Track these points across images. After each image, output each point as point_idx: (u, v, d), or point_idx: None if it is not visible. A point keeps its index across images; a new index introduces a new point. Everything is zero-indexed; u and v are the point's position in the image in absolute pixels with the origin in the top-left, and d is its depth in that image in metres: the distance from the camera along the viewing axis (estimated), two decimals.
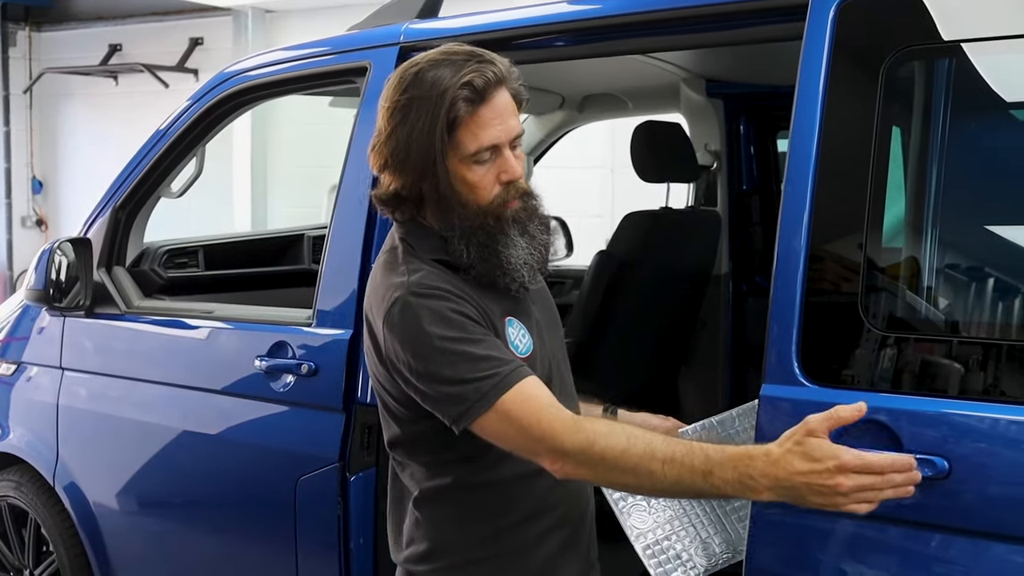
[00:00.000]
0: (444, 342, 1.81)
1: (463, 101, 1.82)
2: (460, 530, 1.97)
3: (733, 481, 1.67)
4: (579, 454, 1.76)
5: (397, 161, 1.88)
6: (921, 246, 2.00)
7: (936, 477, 1.81)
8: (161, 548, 3.37)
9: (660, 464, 1.70)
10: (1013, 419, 1.79)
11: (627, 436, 1.74)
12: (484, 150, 1.86)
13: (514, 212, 1.91)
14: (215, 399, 3.10)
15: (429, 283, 1.86)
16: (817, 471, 1.61)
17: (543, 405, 1.80)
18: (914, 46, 1.99)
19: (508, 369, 1.81)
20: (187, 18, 9.99)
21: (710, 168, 4.26)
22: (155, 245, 3.76)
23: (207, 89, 3.35)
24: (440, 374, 1.82)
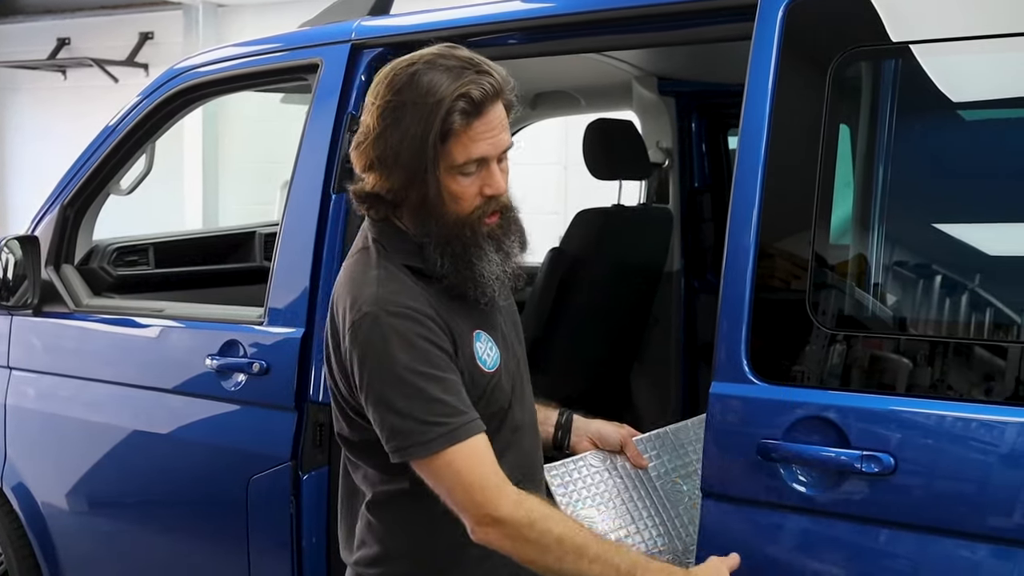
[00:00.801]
0: (406, 372, 1.79)
1: (459, 113, 1.79)
2: (412, 536, 1.96)
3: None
4: (513, 530, 1.79)
5: (385, 163, 1.85)
6: (868, 244, 2.03)
7: (882, 473, 1.84)
8: (112, 549, 3.34)
9: (588, 561, 1.77)
10: (958, 415, 1.81)
11: (565, 526, 1.79)
12: (472, 162, 1.84)
13: (491, 227, 1.89)
14: (166, 398, 3.07)
15: (402, 302, 1.83)
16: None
17: (489, 472, 1.81)
18: (861, 47, 2.01)
19: (460, 421, 1.81)
20: (137, 12, 9.90)
21: (662, 166, 4.28)
22: (104, 243, 3.73)
23: (157, 85, 3.32)
24: (392, 403, 1.81)
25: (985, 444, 1.78)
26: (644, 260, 4.00)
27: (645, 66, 4.03)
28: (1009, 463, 1.76)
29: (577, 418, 2.33)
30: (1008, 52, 1.93)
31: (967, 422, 1.80)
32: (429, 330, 1.83)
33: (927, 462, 1.82)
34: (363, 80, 2.78)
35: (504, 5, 2.66)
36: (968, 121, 2.09)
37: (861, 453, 1.85)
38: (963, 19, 1.95)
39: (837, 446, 1.88)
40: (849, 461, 1.86)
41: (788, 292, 2.02)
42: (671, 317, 4.24)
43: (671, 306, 4.23)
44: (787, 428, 1.93)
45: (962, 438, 1.80)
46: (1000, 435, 1.78)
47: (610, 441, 2.31)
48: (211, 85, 3.25)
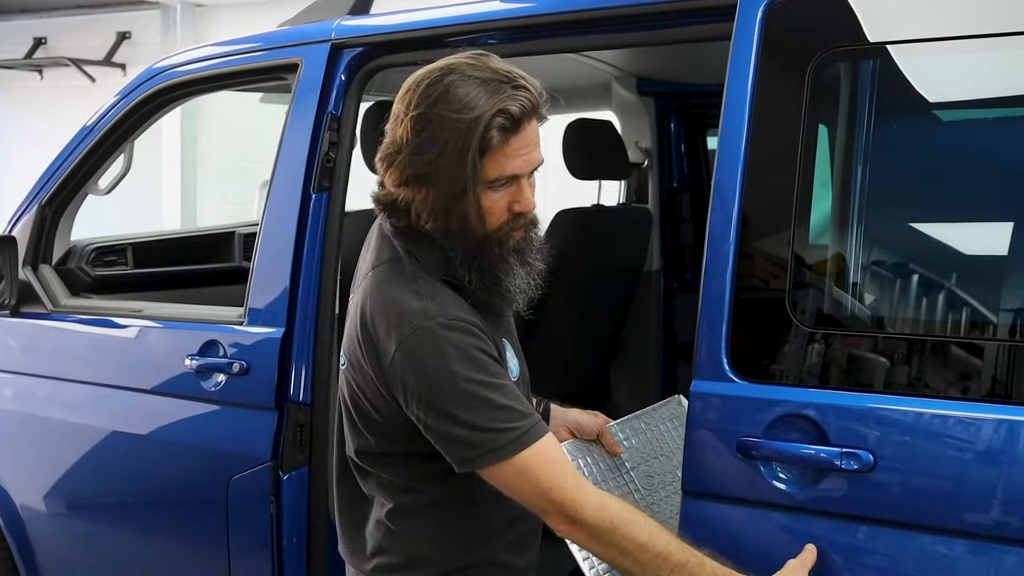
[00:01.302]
0: (469, 384, 1.77)
1: (497, 129, 1.76)
2: (435, 544, 1.95)
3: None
4: (596, 532, 1.78)
5: (424, 180, 1.82)
6: (847, 244, 2.04)
7: (862, 470, 1.85)
8: (91, 550, 3.32)
9: (669, 569, 1.75)
10: (936, 413, 1.83)
11: (649, 532, 1.77)
12: (503, 178, 1.81)
13: (516, 242, 1.88)
14: (145, 399, 3.06)
15: (452, 313, 1.81)
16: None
17: (566, 471, 1.81)
18: (839, 47, 2.02)
19: (528, 424, 1.80)
20: (114, 11, 9.88)
21: (641, 166, 4.31)
22: (83, 243, 3.71)
23: (136, 84, 3.31)
24: (457, 416, 1.78)
25: (962, 441, 1.80)
26: (624, 260, 4.02)
27: (624, 66, 4.04)
28: (986, 459, 1.77)
29: (554, 407, 2.34)
30: (984, 52, 1.95)
31: (945, 419, 1.82)
32: (481, 340, 1.82)
33: (906, 459, 1.83)
34: (343, 80, 2.79)
35: (484, 5, 2.66)
36: (944, 121, 2.11)
37: (841, 450, 1.86)
38: (940, 20, 1.97)
39: (817, 443, 1.90)
40: (829, 458, 1.87)
41: (768, 292, 2.03)
42: (650, 316, 4.26)
43: (650, 305, 4.25)
44: (767, 426, 1.94)
45: (940, 435, 1.82)
46: (977, 432, 1.79)
47: (587, 430, 2.32)
48: (191, 84, 3.23)
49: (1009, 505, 1.75)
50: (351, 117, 2.81)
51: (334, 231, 2.76)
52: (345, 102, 2.80)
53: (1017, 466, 1.75)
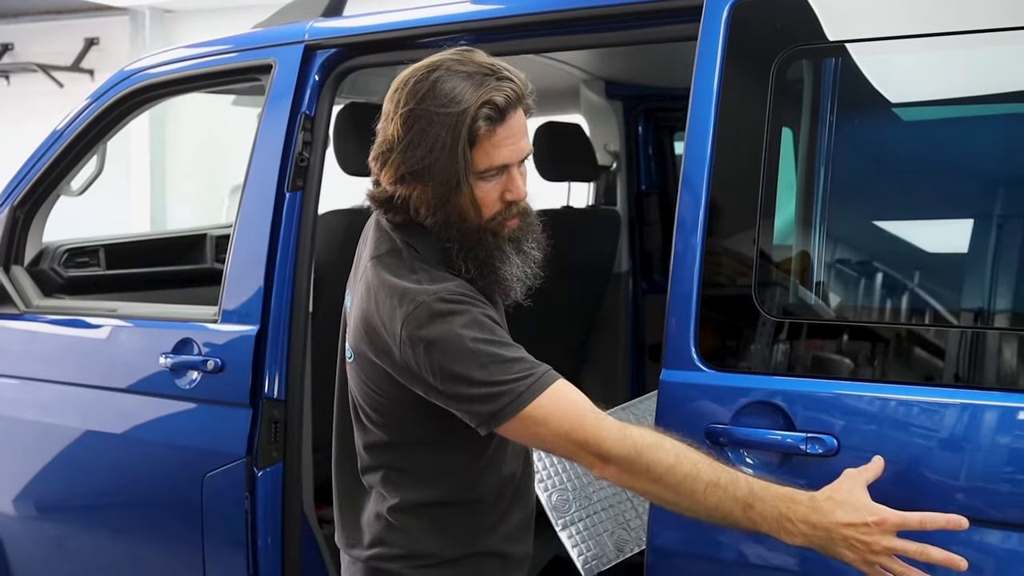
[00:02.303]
0: (476, 343, 1.79)
1: (484, 119, 1.79)
2: (436, 537, 1.97)
3: (771, 519, 1.71)
4: (624, 462, 1.77)
5: (420, 176, 1.85)
6: (811, 238, 2.10)
7: (826, 455, 1.91)
8: (65, 551, 3.32)
9: (703, 487, 1.73)
10: (897, 398, 1.89)
11: (676, 453, 1.75)
12: (494, 169, 1.85)
13: (511, 230, 1.92)
14: (119, 398, 3.08)
15: (453, 289, 1.84)
16: (857, 525, 1.66)
17: (585, 410, 1.81)
18: (801, 46, 2.08)
19: (541, 371, 1.82)
20: (82, 17, 9.84)
21: (610, 168, 4.36)
22: (55, 244, 3.72)
23: (108, 86, 3.32)
24: (472, 376, 1.79)
25: (923, 425, 1.86)
26: (592, 260, 4.07)
27: (593, 70, 4.10)
28: (946, 444, 1.84)
29: None
30: (943, 50, 2.02)
31: (906, 404, 1.88)
32: (484, 307, 1.85)
33: (868, 443, 1.89)
34: (316, 80, 2.82)
35: (455, 7, 2.70)
36: (904, 118, 2.17)
37: (806, 435, 1.92)
38: (900, 18, 2.03)
39: (783, 430, 1.95)
40: (794, 443, 1.93)
41: (735, 285, 2.09)
42: (619, 317, 4.30)
43: (619, 306, 4.29)
44: (735, 413, 2.00)
45: (899, 420, 1.88)
46: (937, 417, 1.86)
47: None
48: (164, 86, 3.25)
49: (967, 486, 1.81)
50: (324, 117, 2.85)
51: (308, 230, 2.80)
52: (319, 103, 2.84)
53: (973, 448, 1.82)
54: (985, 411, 1.82)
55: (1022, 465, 1.79)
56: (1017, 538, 1.79)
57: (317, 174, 2.83)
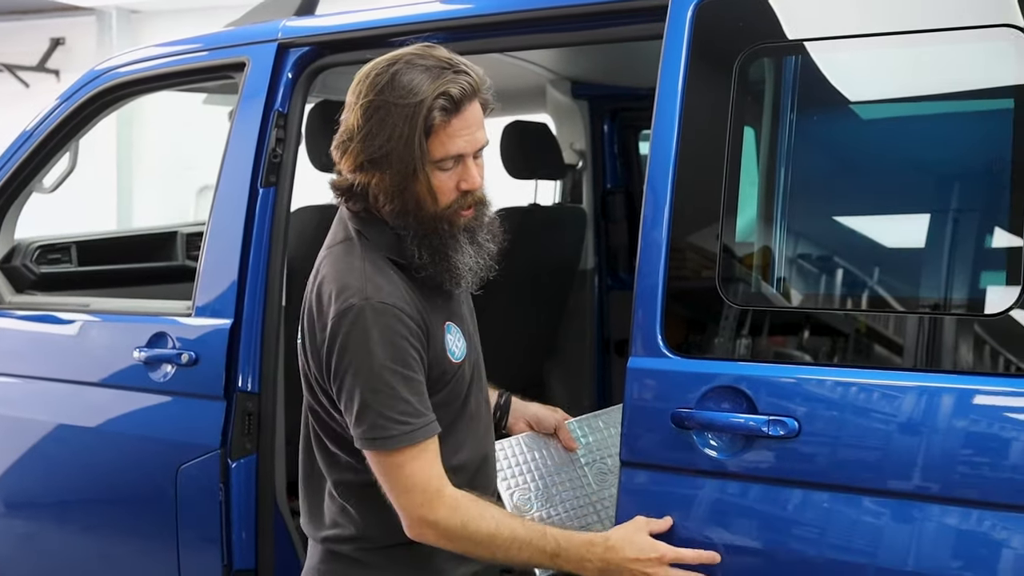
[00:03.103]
0: (381, 369, 1.88)
1: (439, 110, 1.87)
2: (384, 520, 2.02)
3: (574, 561, 1.95)
4: (448, 532, 1.93)
5: (378, 164, 1.92)
6: (772, 231, 2.17)
7: (787, 436, 1.98)
8: (39, 546, 3.35)
9: (518, 547, 1.93)
10: (853, 381, 1.96)
11: (496, 523, 1.93)
12: (449, 158, 1.92)
13: (467, 221, 1.98)
14: (94, 392, 3.11)
15: (387, 299, 1.91)
16: (642, 560, 1.94)
17: (435, 475, 1.93)
18: (762, 45, 2.16)
19: (421, 423, 1.91)
20: (48, 17, 9.82)
21: (576, 167, 4.43)
22: (27, 241, 3.74)
23: (80, 85, 3.35)
24: (363, 395, 1.89)
25: (879, 407, 1.93)
26: (558, 257, 4.13)
27: (559, 70, 4.16)
28: (901, 424, 1.91)
29: (515, 400, 2.43)
30: (899, 49, 2.10)
31: (861, 387, 1.96)
32: (408, 328, 1.92)
33: (828, 425, 1.96)
34: (290, 78, 2.87)
35: (425, 6, 2.76)
36: (862, 116, 2.24)
37: (768, 418, 1.99)
38: (858, 18, 2.11)
39: (746, 413, 2.02)
40: (757, 426, 2.00)
41: (700, 272, 2.16)
42: (586, 314, 4.37)
43: (586, 303, 4.36)
44: (700, 398, 2.07)
45: (856, 402, 1.95)
46: (892, 399, 1.93)
47: (545, 424, 2.42)
48: (136, 84, 3.29)
49: (923, 465, 1.89)
50: (297, 114, 2.90)
51: (281, 224, 2.85)
52: (292, 100, 2.88)
53: (925, 427, 1.89)
54: (935, 393, 1.90)
55: (972, 444, 1.86)
56: (976, 516, 1.86)
57: (290, 170, 2.88)
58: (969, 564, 1.85)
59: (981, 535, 1.85)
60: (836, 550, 1.95)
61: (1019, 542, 1.82)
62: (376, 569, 2.06)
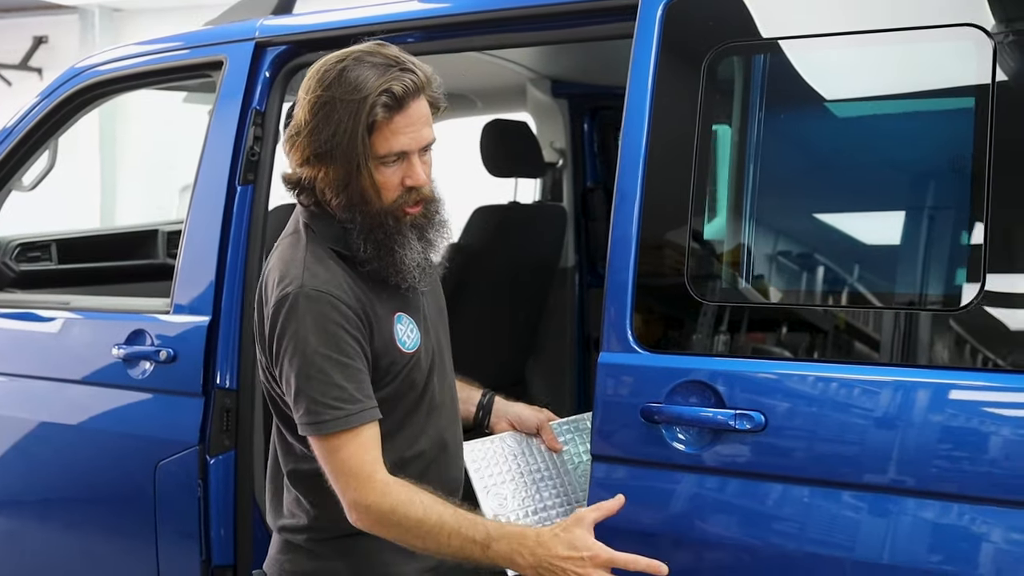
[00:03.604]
0: (314, 355, 1.92)
1: (381, 107, 1.90)
2: (334, 511, 2.04)
3: (505, 554, 1.89)
4: (379, 516, 1.93)
5: (323, 158, 1.96)
6: (740, 228, 2.20)
7: (754, 430, 2.01)
8: (20, 543, 3.36)
9: (448, 535, 1.90)
10: (818, 375, 2.00)
11: (424, 509, 1.91)
12: (392, 155, 1.95)
13: (415, 217, 2.01)
14: (72, 389, 3.12)
15: (323, 287, 1.95)
16: (574, 558, 1.86)
17: (369, 460, 1.94)
18: (729, 43, 2.19)
19: (355, 409, 1.94)
20: (31, 15, 9.83)
21: (556, 165, 4.45)
22: (6, 239, 3.76)
23: (60, 82, 3.37)
24: (298, 380, 1.94)
25: (843, 400, 1.97)
26: (539, 255, 4.15)
27: (539, 69, 4.19)
28: (863, 417, 1.95)
29: (498, 400, 2.44)
30: (864, 47, 2.13)
31: (827, 381, 1.99)
32: (343, 316, 1.95)
33: (793, 418, 2.00)
34: (267, 76, 2.90)
35: (401, 5, 2.79)
36: (828, 112, 2.28)
37: (735, 412, 2.02)
38: (824, 17, 2.15)
39: (714, 407, 2.05)
40: (724, 420, 2.03)
41: (669, 269, 2.18)
42: (566, 310, 4.39)
43: (566, 300, 4.38)
44: (669, 392, 2.09)
45: (820, 396, 1.99)
46: (854, 392, 1.96)
47: (528, 424, 2.42)
48: (114, 83, 3.30)
49: (886, 458, 1.93)
50: (275, 113, 2.92)
51: (259, 222, 2.87)
52: (269, 98, 2.91)
53: (888, 421, 1.93)
54: (897, 387, 1.94)
55: (930, 436, 1.90)
56: (940, 507, 1.90)
57: (268, 168, 2.90)
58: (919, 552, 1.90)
59: (936, 525, 1.89)
60: (803, 542, 1.98)
61: (958, 532, 1.87)
62: (326, 560, 2.09)
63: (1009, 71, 1.92)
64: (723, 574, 2.08)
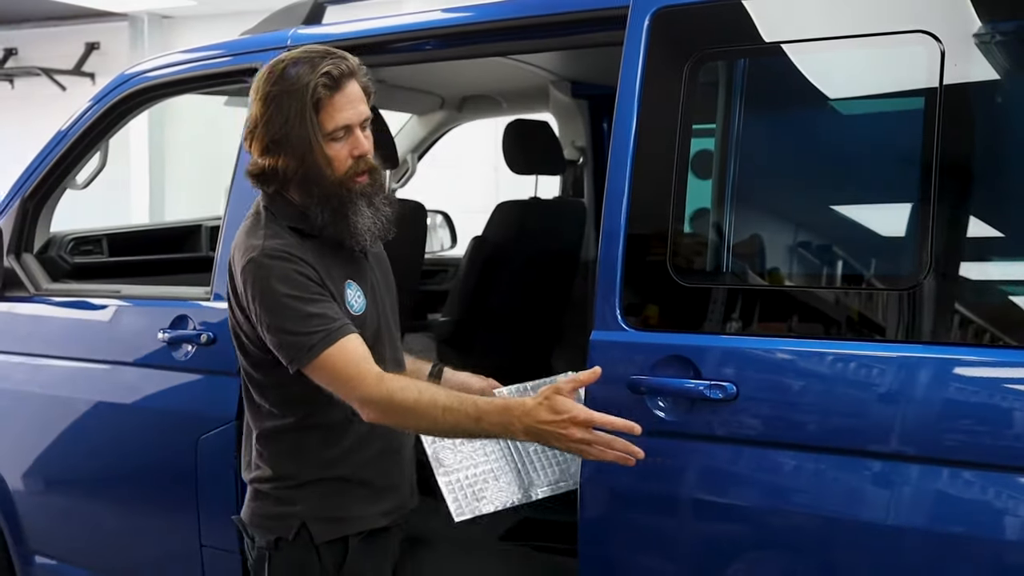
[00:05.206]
0: (285, 299, 2.17)
1: (322, 87, 2.18)
2: (295, 461, 2.33)
3: (497, 425, 2.10)
4: (381, 403, 2.16)
5: (280, 144, 2.22)
6: (717, 217, 2.42)
7: (726, 399, 2.23)
8: (73, 514, 3.61)
9: (442, 411, 2.12)
10: (785, 350, 2.23)
11: (418, 390, 2.15)
12: (339, 129, 2.22)
13: (362, 186, 2.27)
14: (122, 371, 3.37)
15: (279, 248, 2.21)
16: (556, 422, 2.06)
17: (358, 360, 2.17)
18: (708, 50, 2.41)
19: (334, 327, 2.18)
20: (84, 23, 10.05)
21: (577, 162, 4.66)
22: (62, 234, 4.01)
23: (110, 88, 3.61)
24: (280, 325, 2.18)
25: (806, 371, 2.19)
26: (559, 248, 4.34)
27: (560, 71, 4.38)
28: (826, 385, 2.17)
29: (447, 370, 2.65)
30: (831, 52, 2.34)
31: (792, 354, 2.21)
32: (302, 266, 2.21)
33: (762, 388, 2.22)
34: None
35: (423, 15, 3.03)
36: (798, 112, 2.48)
37: (709, 383, 2.24)
38: (794, 25, 2.36)
39: (692, 379, 2.27)
40: (700, 390, 2.25)
41: (652, 256, 2.40)
42: (588, 300, 4.58)
43: (588, 290, 4.57)
44: (652, 366, 2.32)
45: (789, 367, 2.21)
46: (818, 363, 2.18)
47: (473, 390, 2.56)
48: (160, 88, 3.55)
49: (841, 421, 2.15)
50: None
51: None
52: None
53: (848, 388, 2.15)
54: (853, 359, 2.16)
55: (882, 401, 2.12)
56: (889, 466, 2.11)
57: None
58: (874, 507, 2.12)
59: (888, 481, 2.12)
60: (774, 500, 2.21)
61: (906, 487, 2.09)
62: (289, 505, 2.34)
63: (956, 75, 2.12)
64: (703, 529, 2.31)
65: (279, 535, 2.33)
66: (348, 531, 2.33)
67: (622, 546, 2.40)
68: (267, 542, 2.34)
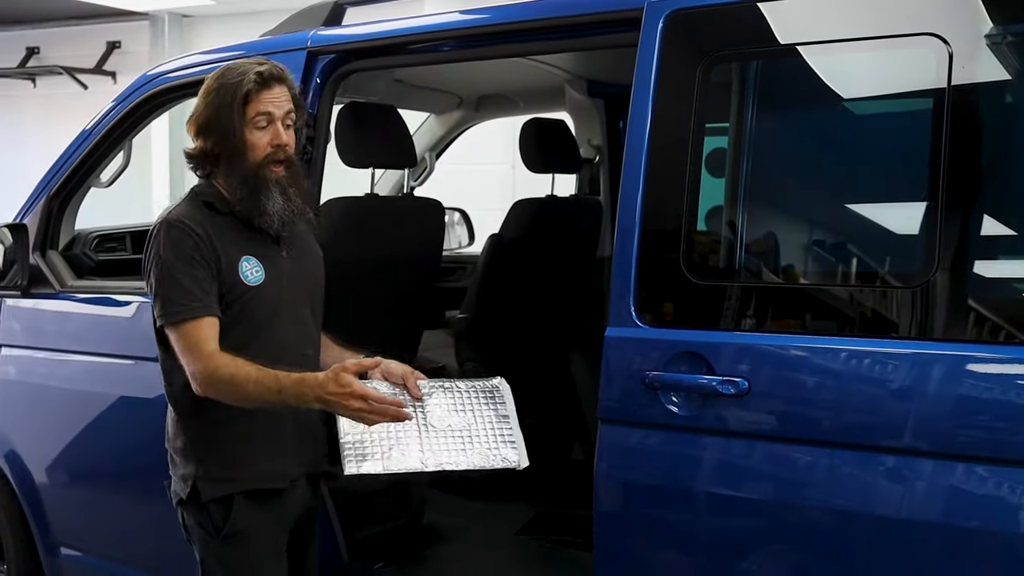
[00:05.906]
0: (168, 264, 2.44)
1: (253, 83, 2.47)
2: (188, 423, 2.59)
3: (294, 396, 2.36)
4: (208, 380, 2.41)
5: (207, 128, 2.50)
6: (729, 216, 2.46)
7: (738, 394, 2.27)
8: (96, 505, 3.69)
9: (252, 385, 2.37)
10: (796, 346, 2.26)
11: (236, 367, 2.39)
12: (260, 115, 2.48)
13: (278, 176, 2.52)
14: (146, 366, 3.40)
15: (179, 219, 2.47)
16: (340, 394, 2.33)
17: (201, 340, 2.43)
18: (721, 52, 2.45)
19: (197, 305, 2.43)
20: (105, 22, 10.12)
21: (593, 161, 4.70)
22: (86, 231, 4.07)
23: (132, 89, 3.68)
24: (157, 285, 2.46)
25: (818, 367, 2.23)
26: (575, 245, 4.39)
27: (576, 71, 4.42)
28: (837, 381, 2.21)
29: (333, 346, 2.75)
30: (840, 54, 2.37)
31: (804, 351, 2.25)
32: (193, 239, 2.45)
33: (773, 384, 2.26)
34: (318, 82, 3.18)
35: (439, 17, 3.09)
36: (809, 113, 2.52)
37: (722, 379, 2.28)
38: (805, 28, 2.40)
39: (705, 375, 2.32)
40: (713, 386, 2.29)
41: (667, 253, 2.44)
42: (605, 299, 4.60)
43: (603, 287, 4.60)
44: (666, 362, 2.36)
45: (797, 364, 2.25)
46: (829, 359, 2.22)
47: (394, 374, 2.53)
48: (182, 88, 3.59)
49: (852, 417, 2.19)
50: (326, 116, 3.21)
51: None
52: (320, 102, 3.19)
53: (858, 384, 2.19)
54: (864, 355, 2.20)
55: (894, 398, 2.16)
56: (902, 461, 2.15)
57: (320, 166, 3.19)
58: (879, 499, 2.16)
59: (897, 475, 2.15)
60: (784, 493, 2.25)
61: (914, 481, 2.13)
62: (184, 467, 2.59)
63: (964, 76, 2.16)
64: (716, 522, 2.35)
65: (179, 496, 2.60)
66: (232, 490, 2.54)
67: (637, 540, 2.45)
68: (177, 500, 2.62)
